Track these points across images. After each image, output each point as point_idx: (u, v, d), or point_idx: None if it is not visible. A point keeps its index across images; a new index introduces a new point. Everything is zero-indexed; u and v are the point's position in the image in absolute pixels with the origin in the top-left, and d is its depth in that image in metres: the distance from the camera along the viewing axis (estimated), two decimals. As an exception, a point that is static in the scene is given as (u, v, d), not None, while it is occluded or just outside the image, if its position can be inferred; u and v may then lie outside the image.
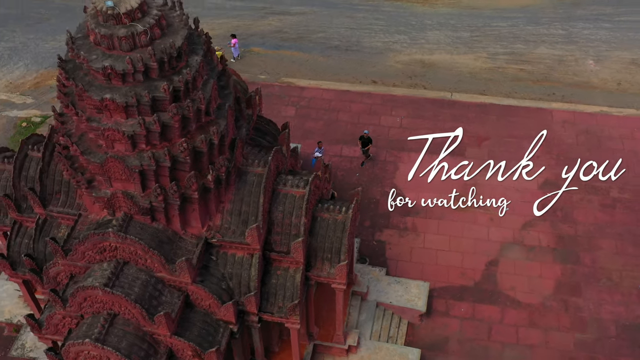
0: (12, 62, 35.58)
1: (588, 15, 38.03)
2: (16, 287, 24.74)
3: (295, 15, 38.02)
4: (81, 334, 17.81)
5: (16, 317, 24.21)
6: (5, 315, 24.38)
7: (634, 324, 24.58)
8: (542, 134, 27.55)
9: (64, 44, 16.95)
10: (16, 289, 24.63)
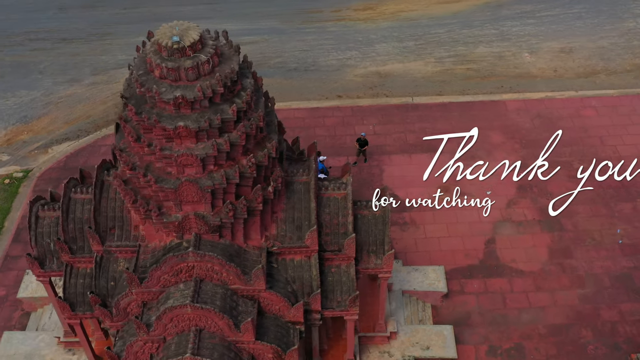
0: None
1: (513, 14, 41.97)
2: (53, 335, 25.01)
3: (248, 44, 39.54)
4: (172, 353, 18.73)
5: (61, 364, 24.44)
6: (50, 364, 24.56)
7: (623, 274, 27.77)
8: (557, 134, 27.80)
9: (26, 99, 17.95)
10: (55, 336, 24.87)
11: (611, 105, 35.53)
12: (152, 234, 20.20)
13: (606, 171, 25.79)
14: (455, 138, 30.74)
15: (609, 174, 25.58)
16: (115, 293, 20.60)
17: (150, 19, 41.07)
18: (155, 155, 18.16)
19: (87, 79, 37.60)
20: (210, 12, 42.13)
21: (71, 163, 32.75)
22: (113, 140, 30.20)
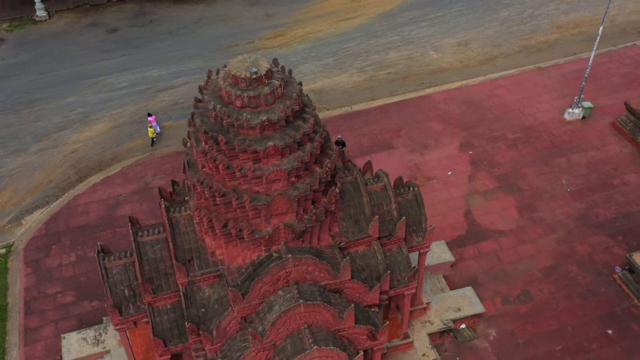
0: None
1: (406, 20, 46.83)
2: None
3: (180, 86, 41.20)
4: (290, 353, 20.53)
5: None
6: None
7: (581, 214, 32.84)
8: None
9: None
10: (122, 386, 25.34)
11: (516, 82, 41.15)
12: (234, 256, 21.80)
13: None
14: (385, 135, 35.02)
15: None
16: (206, 319, 21.88)
17: (73, 79, 41.59)
18: (247, 177, 19.98)
19: (32, 146, 37.21)
20: (132, 63, 43.00)
21: (52, 228, 32.62)
22: (87, 199, 31.37)
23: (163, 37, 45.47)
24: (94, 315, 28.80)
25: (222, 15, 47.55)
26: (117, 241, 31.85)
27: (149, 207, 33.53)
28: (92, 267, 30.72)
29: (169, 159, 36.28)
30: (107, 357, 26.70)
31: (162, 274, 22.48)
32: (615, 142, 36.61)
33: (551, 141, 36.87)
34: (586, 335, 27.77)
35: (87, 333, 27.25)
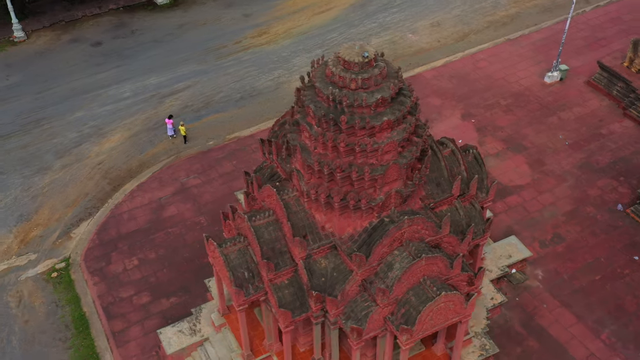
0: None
1: (378, 8, 49.82)
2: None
3: (184, 90, 42.46)
4: (415, 303, 23.09)
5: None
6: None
7: (582, 163, 36.98)
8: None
9: (9, 200, 22.07)
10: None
11: (493, 54, 45.06)
12: (344, 227, 24.05)
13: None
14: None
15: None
16: (327, 286, 24.03)
17: (74, 94, 42.16)
18: (366, 151, 22.31)
19: (56, 163, 37.59)
20: (127, 73, 43.77)
21: (105, 237, 33.48)
22: (129, 206, 32.76)
23: (150, 45, 46.35)
24: (176, 311, 30.17)
25: (201, 20, 48.87)
26: (171, 241, 33.16)
27: (192, 206, 34.93)
28: (158, 267, 31.96)
29: (196, 159, 37.66)
30: (206, 344, 28.26)
31: (277, 252, 24.39)
32: (594, 98, 41.10)
33: (539, 103, 40.93)
34: (617, 264, 31.78)
35: (181, 325, 28.65)
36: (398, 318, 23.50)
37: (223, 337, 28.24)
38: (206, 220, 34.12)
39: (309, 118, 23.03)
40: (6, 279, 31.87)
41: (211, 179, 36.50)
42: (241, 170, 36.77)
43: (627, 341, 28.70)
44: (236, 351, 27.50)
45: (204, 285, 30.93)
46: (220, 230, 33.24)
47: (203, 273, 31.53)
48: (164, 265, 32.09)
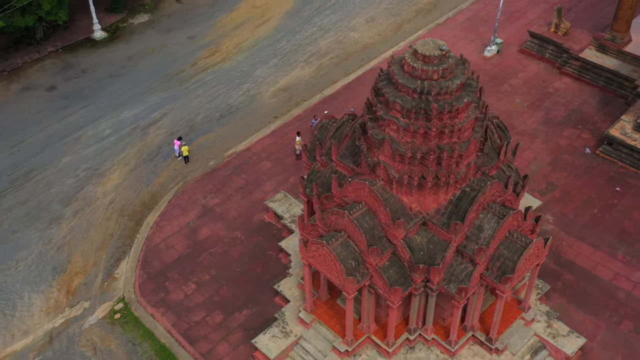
0: (23, 302, 32.94)
1: (312, 13, 52.68)
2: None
3: (163, 118, 42.97)
4: (510, 254, 26.61)
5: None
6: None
7: (545, 120, 42.24)
8: None
9: (34, 255, 24.38)
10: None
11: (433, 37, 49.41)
12: (428, 203, 27.02)
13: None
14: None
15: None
16: (426, 258, 26.89)
17: (52, 141, 41.81)
18: (453, 131, 25.40)
19: (66, 212, 37.10)
20: (96, 112, 43.52)
21: (151, 271, 33.97)
22: (161, 236, 34.90)
23: (107, 81, 46.22)
24: (253, 321, 31.63)
25: (148, 48, 49.27)
26: (218, 260, 34.35)
27: (223, 224, 36.19)
28: (217, 286, 33.12)
29: (205, 180, 38.76)
30: (301, 342, 30.12)
31: (377, 238, 26.93)
32: (531, 63, 46.74)
33: (488, 75, 45.91)
34: (606, 197, 37.18)
35: (272, 331, 30.30)
36: (495, 271, 26.90)
37: (315, 331, 30.22)
38: (242, 234, 35.56)
39: (393, 112, 25.73)
40: (69, 330, 31.64)
41: (229, 195, 37.84)
42: (252, 182, 38.43)
43: (639, 257, 34.00)
44: (334, 340, 29.60)
45: (268, 292, 32.71)
46: (261, 242, 34.92)
47: (261, 282, 33.14)
48: (222, 284, 33.27)
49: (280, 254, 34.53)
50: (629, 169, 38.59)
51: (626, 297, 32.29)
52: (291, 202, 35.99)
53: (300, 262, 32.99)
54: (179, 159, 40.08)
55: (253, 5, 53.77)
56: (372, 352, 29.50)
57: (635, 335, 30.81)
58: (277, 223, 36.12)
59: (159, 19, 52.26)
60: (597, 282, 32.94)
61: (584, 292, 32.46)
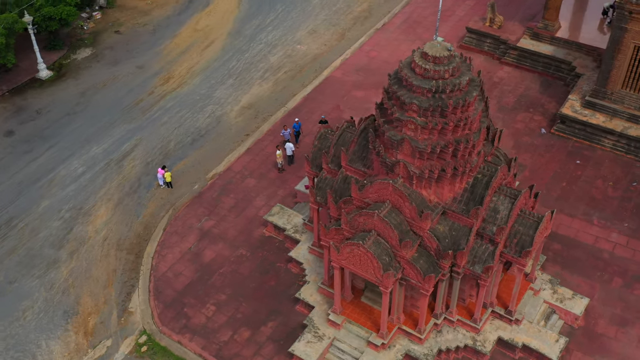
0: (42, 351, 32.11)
1: (255, 31, 53.76)
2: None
3: (134, 149, 42.62)
4: (526, 229, 29.05)
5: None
6: None
7: (499, 107, 45.46)
8: None
9: (35, 312, 26.70)
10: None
11: (375, 43, 51.91)
12: (445, 194, 29.05)
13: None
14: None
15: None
16: (451, 244, 28.89)
17: (24, 187, 41.00)
18: (468, 123, 27.52)
19: (61, 254, 36.39)
20: (63, 152, 42.68)
21: (166, 300, 34.03)
22: (166, 266, 36.20)
23: (66, 119, 45.41)
24: (281, 331, 32.52)
25: (99, 82, 48.72)
26: (230, 280, 34.92)
27: (225, 244, 36.76)
28: (236, 304, 33.72)
29: (195, 204, 39.12)
30: (335, 343, 31.33)
31: (404, 232, 28.66)
32: (473, 56, 49.82)
33: (437, 71, 48.64)
34: (570, 170, 40.61)
35: (306, 337, 31.34)
36: (513, 247, 29.26)
37: (347, 331, 31.53)
38: (246, 251, 36.28)
39: (409, 113, 27.56)
40: (99, 371, 31.39)
41: (222, 216, 38.41)
42: (242, 200, 39.18)
43: (611, 219, 37.52)
44: (367, 336, 31.03)
45: (287, 302, 33.78)
46: (266, 256, 35.82)
47: (277, 294, 34.08)
48: (240, 301, 33.90)
49: (289, 264, 35.52)
50: (583, 142, 42.31)
51: (610, 257, 35.61)
52: (289, 214, 37.05)
53: (314, 268, 34.21)
54: (162, 187, 40.18)
55: (194, 29, 54.22)
56: (404, 341, 31.13)
57: (627, 289, 34.10)
58: (277, 236, 37.06)
59: (102, 52, 51.71)
60: (582, 247, 36.08)
61: (573, 258, 35.48)
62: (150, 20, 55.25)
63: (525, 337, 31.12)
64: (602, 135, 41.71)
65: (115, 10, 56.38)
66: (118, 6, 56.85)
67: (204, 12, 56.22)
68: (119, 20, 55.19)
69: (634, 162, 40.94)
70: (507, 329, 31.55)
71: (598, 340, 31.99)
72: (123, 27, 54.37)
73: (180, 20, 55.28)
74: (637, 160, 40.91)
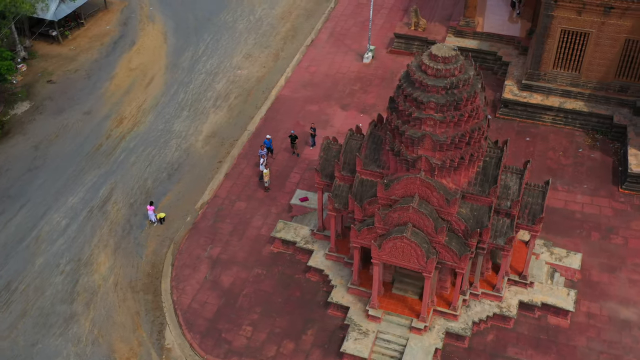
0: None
1: (191, 63, 54.43)
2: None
3: (112, 193, 42.16)
4: (535, 200, 32.68)
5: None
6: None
7: (443, 101, 49.41)
8: None
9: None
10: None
11: (311, 59, 54.40)
12: (460, 180, 32.10)
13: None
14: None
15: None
16: (475, 223, 31.96)
17: (9, 249, 39.80)
18: (478, 114, 30.69)
19: (76, 307, 35.69)
20: (39, 208, 41.54)
21: (200, 328, 34.55)
22: (187, 300, 36.66)
23: (29, 175, 43.99)
24: (322, 337, 34.13)
25: (51, 134, 47.56)
26: (256, 299, 35.92)
27: (238, 267, 37.66)
28: (271, 321, 34.90)
29: (195, 235, 39.63)
30: (379, 335, 33.40)
31: (435, 219, 31.34)
32: (404, 59, 53.63)
33: (377, 77, 52.08)
34: (523, 147, 45.13)
35: (351, 335, 33.34)
36: (526, 217, 32.84)
37: (388, 322, 33.78)
38: (262, 270, 37.46)
39: (427, 110, 30.35)
40: (159, 410, 31.43)
41: (226, 241, 39.29)
42: (239, 223, 40.22)
43: (572, 183, 42.31)
44: (407, 323, 33.42)
45: (318, 309, 35.51)
46: (282, 270, 37.23)
47: (306, 303, 35.68)
48: (273, 316, 35.09)
49: (307, 274, 37.10)
50: (527, 121, 47.14)
51: (582, 216, 40.24)
52: (295, 227, 38.65)
53: (337, 272, 36.12)
54: (155, 225, 40.36)
55: (129, 68, 54.13)
56: (440, 321, 33.78)
57: (605, 240, 38.77)
58: (286, 250, 38.48)
59: (41, 103, 50.44)
60: (557, 212, 40.43)
61: (553, 222, 39.69)
62: (79, 65, 54.43)
63: (542, 297, 34.75)
64: (542, 113, 46.69)
65: (40, 60, 55.00)
66: (40, 56, 55.46)
67: (132, 51, 56.16)
68: (47, 69, 53.92)
69: (573, 131, 46.25)
70: (524, 293, 35.03)
71: (597, 288, 36.26)
72: (54, 76, 53.20)
73: (111, 61, 54.92)
74: (576, 130, 46.25)
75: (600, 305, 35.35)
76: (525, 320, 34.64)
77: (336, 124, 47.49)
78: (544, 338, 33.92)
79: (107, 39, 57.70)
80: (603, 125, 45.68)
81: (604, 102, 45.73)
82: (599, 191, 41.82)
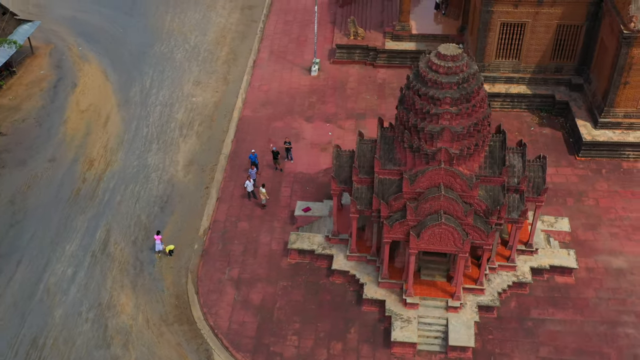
0: None
1: (141, 97, 54.22)
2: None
3: (106, 235, 41.78)
4: (536, 174, 36.48)
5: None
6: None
7: (397, 101, 52.78)
8: None
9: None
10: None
11: (259, 79, 56.01)
12: (474, 164, 35.22)
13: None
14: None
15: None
16: (493, 203, 35.19)
17: (14, 309, 38.70)
18: (483, 106, 33.94)
19: (114, 351, 35.43)
20: (36, 263, 40.34)
21: (245, 347, 35.42)
22: (224, 322, 36.47)
23: (13, 231, 42.24)
24: (365, 333, 36.09)
25: (21, 186, 45.81)
26: (290, 311, 37.22)
27: (262, 283, 38.72)
28: (312, 327, 36.37)
29: (209, 261, 40.19)
30: (420, 319, 35.79)
31: (461, 203, 34.23)
32: (349, 68, 56.66)
33: (328, 87, 54.62)
34: (482, 133, 49.22)
35: (396, 325, 35.42)
36: (531, 189, 36.57)
37: (425, 307, 36.28)
38: (287, 282, 38.77)
39: (443, 106, 33.26)
40: None
41: (242, 261, 40.19)
42: (249, 242, 41.23)
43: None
44: (442, 304, 36.11)
45: (352, 308, 37.45)
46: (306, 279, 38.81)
47: (339, 304, 37.49)
48: (314, 323, 36.55)
49: (330, 278, 38.84)
50: (478, 109, 51.32)
51: (553, 186, 44.71)
52: (308, 237, 40.25)
53: (362, 270, 38.11)
54: (166, 255, 40.52)
55: (79, 110, 53.20)
56: (470, 297, 36.72)
57: (579, 203, 43.50)
58: (304, 259, 39.99)
59: (-1, 157, 48.70)
60: (530, 185, 44.67)
61: (530, 195, 43.85)
62: (26, 114, 52.81)
63: (548, 260, 38.60)
64: (491, 100, 51.05)
65: (-20, 114, 52.84)
66: (-21, 110, 53.28)
67: (77, 92, 55.20)
68: (-8, 122, 51.96)
69: (521, 113, 51.06)
70: (532, 259, 38.74)
71: (586, 246, 40.70)
72: (2, 128, 51.29)
73: (58, 106, 53.70)
74: (523, 111, 51.09)
75: (595, 260, 39.75)
76: (537, 284, 38.31)
77: (307, 135, 49.44)
78: (558, 296, 37.74)
79: (45, 84, 56.27)
80: (546, 104, 50.78)
81: (544, 83, 50.89)
82: (560, 161, 46.63)
